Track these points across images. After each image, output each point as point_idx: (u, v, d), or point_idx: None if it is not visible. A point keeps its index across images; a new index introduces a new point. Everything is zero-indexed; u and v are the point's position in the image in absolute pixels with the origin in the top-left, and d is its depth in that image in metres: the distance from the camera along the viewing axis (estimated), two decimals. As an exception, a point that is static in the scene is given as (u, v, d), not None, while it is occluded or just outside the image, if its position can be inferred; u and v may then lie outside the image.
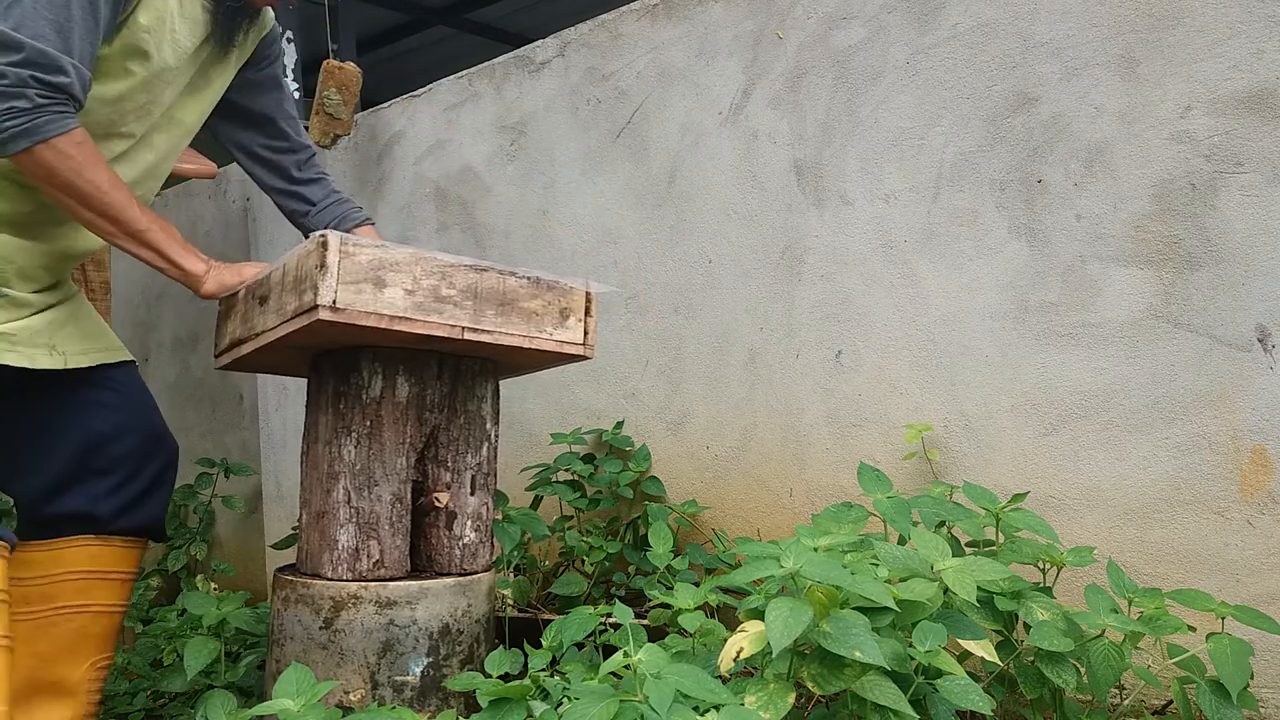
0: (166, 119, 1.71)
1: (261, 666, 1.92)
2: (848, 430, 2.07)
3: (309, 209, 1.96)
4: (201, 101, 1.77)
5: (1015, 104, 1.87)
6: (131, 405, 1.73)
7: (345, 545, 1.60)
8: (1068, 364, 1.81)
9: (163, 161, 1.75)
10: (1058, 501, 1.82)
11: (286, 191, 1.96)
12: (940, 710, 1.31)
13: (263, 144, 1.92)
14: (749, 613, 1.34)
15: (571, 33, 2.57)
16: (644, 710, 1.17)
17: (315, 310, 1.41)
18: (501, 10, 7.76)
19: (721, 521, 2.27)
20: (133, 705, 2.04)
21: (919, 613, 1.33)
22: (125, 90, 1.58)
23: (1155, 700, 1.71)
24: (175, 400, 3.68)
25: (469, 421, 1.71)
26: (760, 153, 2.21)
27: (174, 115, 1.72)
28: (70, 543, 1.64)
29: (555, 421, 2.57)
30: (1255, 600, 1.63)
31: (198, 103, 1.77)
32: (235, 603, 1.86)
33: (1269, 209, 1.63)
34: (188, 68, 1.68)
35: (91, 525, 1.65)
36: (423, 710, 1.57)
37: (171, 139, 1.74)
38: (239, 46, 1.76)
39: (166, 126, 1.72)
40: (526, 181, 2.65)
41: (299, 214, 1.98)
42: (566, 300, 1.64)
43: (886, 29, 2.02)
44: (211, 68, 1.75)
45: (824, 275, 2.11)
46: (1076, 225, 1.80)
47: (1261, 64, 1.63)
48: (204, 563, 3.25)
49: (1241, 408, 1.65)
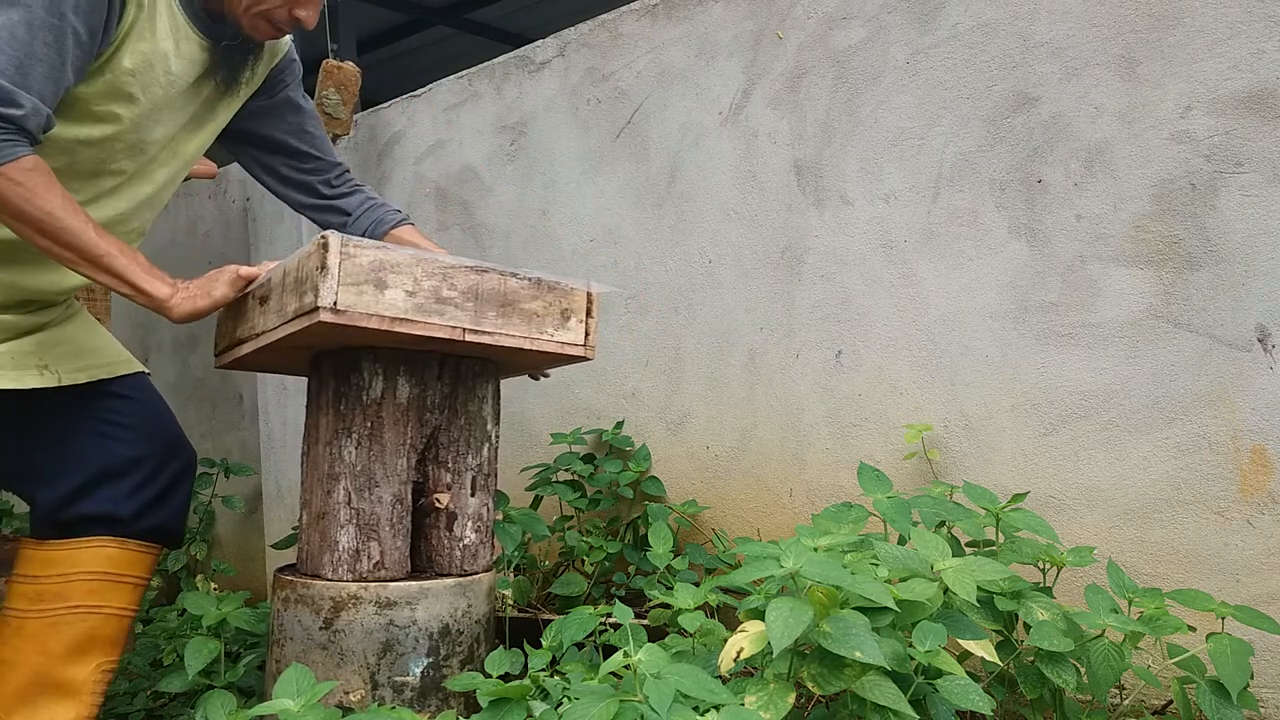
0: (169, 154, 1.69)
1: (261, 666, 1.92)
2: (848, 430, 2.07)
3: (345, 219, 1.92)
4: (205, 135, 1.75)
5: (1015, 104, 1.87)
6: (145, 414, 1.73)
7: (345, 546, 1.60)
8: (1068, 364, 1.81)
9: (161, 192, 1.73)
10: (1058, 501, 1.82)
11: (322, 207, 1.92)
12: (940, 710, 1.31)
13: (289, 165, 1.89)
14: (749, 613, 1.34)
15: (571, 33, 2.57)
16: (644, 710, 1.17)
17: (316, 312, 1.41)
18: (501, 10, 7.76)
19: (721, 521, 2.27)
20: (133, 705, 2.04)
21: (919, 613, 1.33)
22: (113, 132, 1.56)
23: (1155, 700, 1.71)
24: (175, 400, 3.69)
25: (470, 422, 1.71)
26: (760, 153, 2.21)
27: (176, 150, 1.70)
28: (88, 543, 1.64)
29: (555, 421, 2.57)
30: (1255, 600, 1.63)
31: (201, 136, 1.74)
32: (235, 603, 1.86)
33: (1269, 209, 1.63)
34: (187, 104, 1.66)
35: (112, 526, 1.65)
36: (423, 710, 1.57)
37: (171, 171, 1.72)
38: (246, 82, 1.74)
39: (167, 160, 1.70)
40: (526, 181, 2.65)
41: (337, 227, 1.93)
42: (567, 301, 1.64)
43: (886, 29, 2.02)
44: (217, 102, 1.72)
45: (824, 275, 2.11)
46: (1076, 225, 1.80)
47: (1261, 64, 1.63)
48: (204, 563, 3.25)
49: (1241, 408, 1.65)
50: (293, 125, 1.86)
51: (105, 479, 1.66)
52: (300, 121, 1.88)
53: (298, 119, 1.87)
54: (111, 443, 1.67)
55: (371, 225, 1.91)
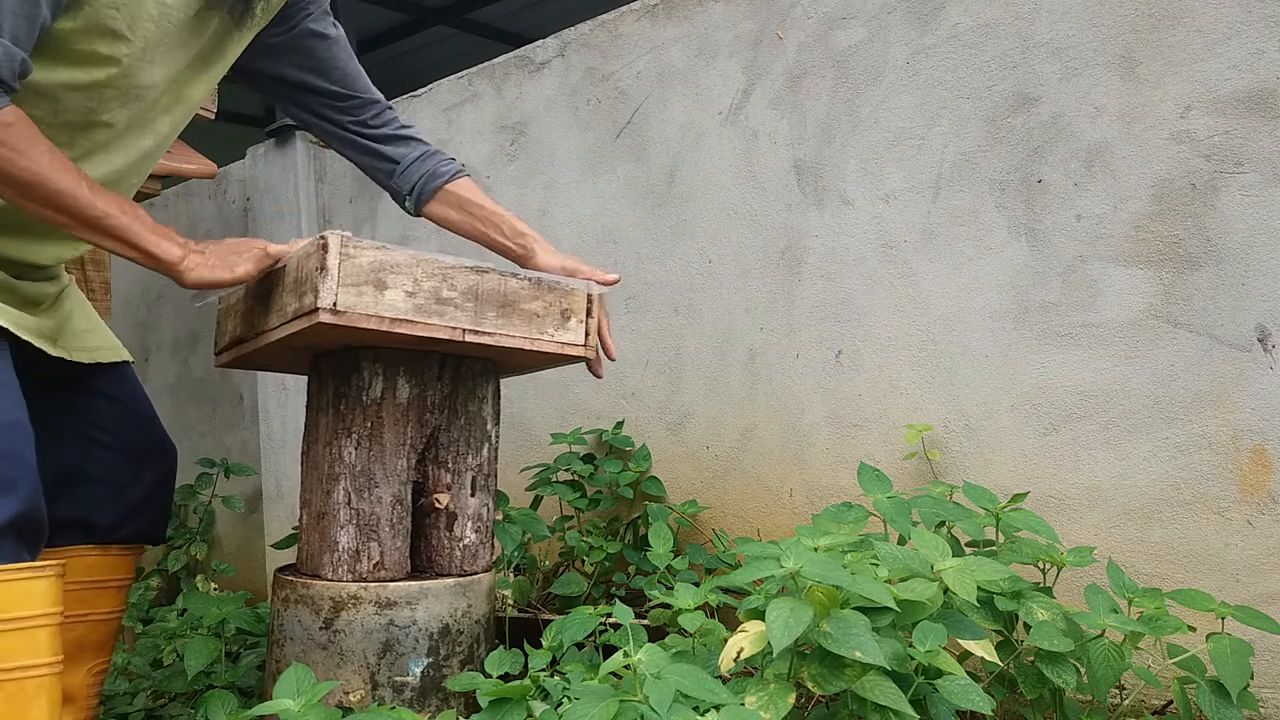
0: (171, 98, 1.48)
1: (261, 666, 1.92)
2: (848, 430, 2.07)
3: (393, 167, 1.73)
4: (214, 74, 1.53)
5: (1015, 104, 1.87)
6: (129, 415, 1.66)
7: (345, 546, 1.60)
8: (1068, 364, 1.81)
9: (163, 144, 1.55)
10: (1058, 501, 1.82)
11: (363, 149, 1.72)
12: (940, 710, 1.31)
13: (323, 104, 1.68)
14: (749, 613, 1.34)
15: (571, 33, 2.57)
16: (644, 710, 1.17)
17: (316, 313, 1.41)
18: (501, 10, 7.75)
19: (721, 521, 2.27)
20: (133, 705, 2.04)
21: (919, 613, 1.33)
22: (103, 77, 1.36)
23: (1155, 700, 1.71)
24: (175, 400, 3.69)
25: (470, 422, 1.71)
26: (760, 152, 2.21)
27: (180, 93, 1.49)
28: (67, 552, 1.57)
29: (555, 421, 2.57)
30: (1255, 600, 1.63)
31: (208, 79, 1.53)
32: (235, 603, 1.87)
33: (1269, 209, 1.63)
34: (189, 40, 1.44)
35: (90, 534, 1.60)
36: (423, 710, 1.57)
37: (175, 119, 1.52)
38: (262, 11, 1.52)
39: (170, 106, 1.49)
40: (526, 181, 2.65)
41: (384, 174, 1.75)
42: (568, 301, 1.64)
43: (886, 29, 2.02)
44: (226, 36, 1.50)
45: (824, 275, 2.11)
46: (1076, 225, 1.80)
47: (1261, 64, 1.63)
48: (204, 563, 3.25)
49: (1241, 408, 1.65)
50: (320, 60, 1.64)
51: (83, 482, 1.59)
52: (328, 55, 1.65)
53: (326, 51, 1.64)
54: (94, 447, 1.60)
55: (423, 179, 1.74)
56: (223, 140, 4.76)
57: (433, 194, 1.76)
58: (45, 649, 1.27)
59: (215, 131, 3.15)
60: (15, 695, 1.23)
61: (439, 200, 1.77)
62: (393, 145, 1.73)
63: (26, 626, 1.25)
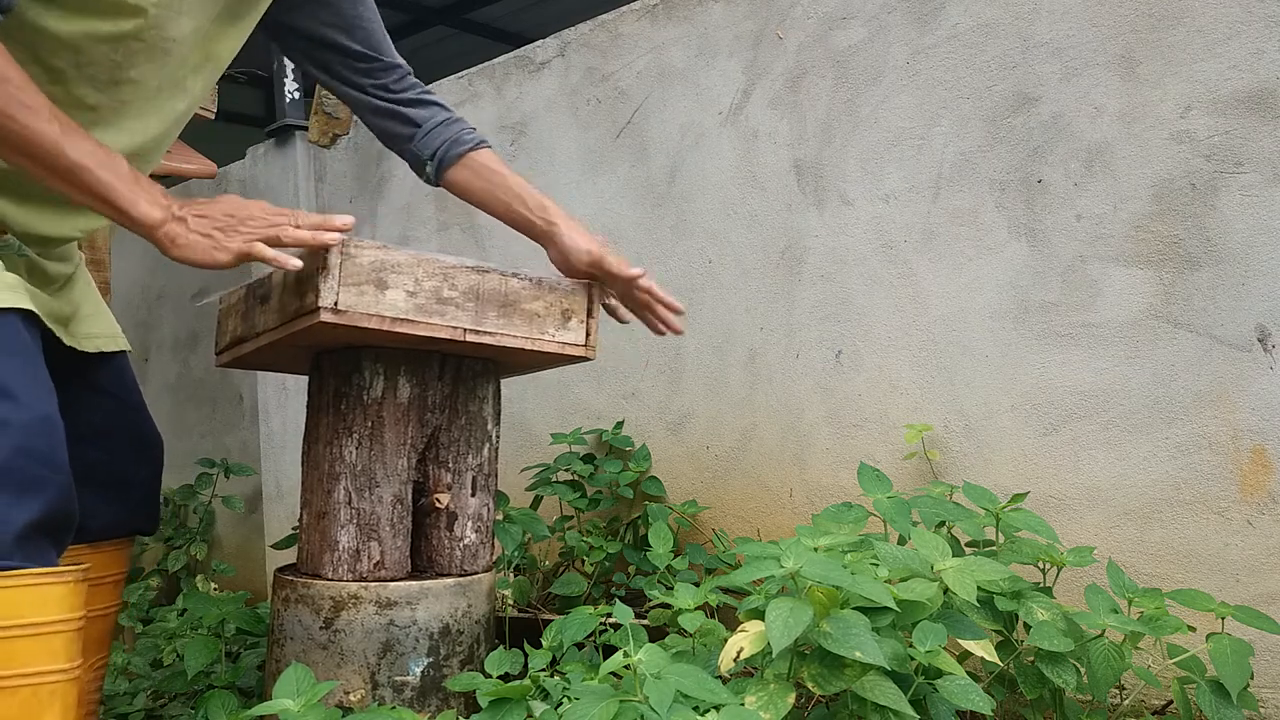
0: (201, 55, 1.40)
1: (261, 666, 1.92)
2: (848, 430, 2.07)
3: (415, 131, 1.66)
4: (243, 28, 1.45)
5: (1015, 104, 1.87)
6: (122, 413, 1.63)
7: (346, 546, 1.60)
8: (1068, 364, 1.81)
9: (193, 105, 1.47)
10: (1058, 501, 1.82)
11: (384, 111, 1.65)
12: (940, 710, 1.31)
13: (344, 64, 1.62)
14: (749, 613, 1.34)
15: (571, 33, 2.57)
16: (644, 710, 1.17)
17: (317, 312, 1.41)
18: (501, 10, 7.75)
19: (721, 521, 2.27)
20: (133, 705, 2.04)
21: (919, 613, 1.33)
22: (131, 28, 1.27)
23: (1155, 700, 1.71)
24: (175, 400, 3.69)
25: (470, 422, 1.71)
26: (760, 153, 2.21)
27: (209, 50, 1.42)
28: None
29: (555, 421, 2.57)
30: (1255, 600, 1.63)
31: (238, 32, 1.44)
32: (235, 603, 1.87)
33: (1269, 209, 1.63)
34: None
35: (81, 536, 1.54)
36: (423, 710, 1.57)
37: (206, 79, 1.45)
38: None
39: (200, 65, 1.41)
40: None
41: (401, 139, 1.68)
42: (568, 301, 1.64)
43: (886, 29, 2.03)
44: None
45: (824, 275, 2.11)
46: (1076, 225, 1.81)
47: (1261, 64, 1.63)
48: (204, 563, 3.25)
49: (1241, 408, 1.65)
50: (346, 17, 1.58)
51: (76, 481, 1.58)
52: (354, 12, 1.59)
53: (353, 9, 1.59)
54: (89, 449, 1.55)
55: (445, 145, 1.67)
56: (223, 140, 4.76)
57: (455, 160, 1.68)
58: (61, 655, 1.25)
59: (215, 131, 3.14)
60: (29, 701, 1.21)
61: (462, 165, 1.69)
62: (415, 108, 1.67)
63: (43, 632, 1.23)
